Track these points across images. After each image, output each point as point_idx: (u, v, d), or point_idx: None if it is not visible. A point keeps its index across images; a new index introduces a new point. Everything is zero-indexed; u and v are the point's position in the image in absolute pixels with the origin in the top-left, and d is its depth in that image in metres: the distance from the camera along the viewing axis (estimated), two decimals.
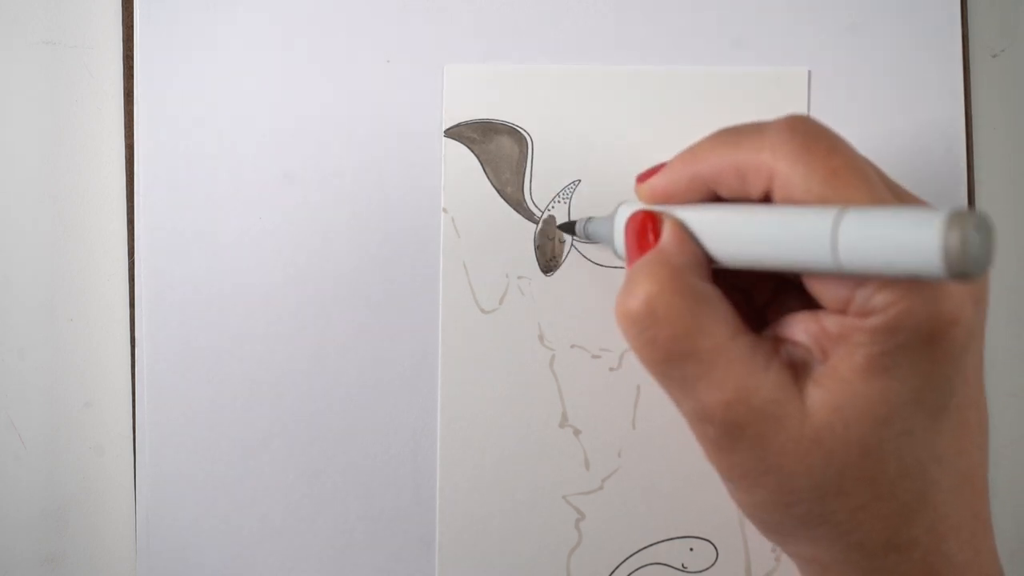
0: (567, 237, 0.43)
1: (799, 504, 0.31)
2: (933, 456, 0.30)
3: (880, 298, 0.28)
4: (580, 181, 0.43)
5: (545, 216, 0.43)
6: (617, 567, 0.43)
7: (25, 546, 0.45)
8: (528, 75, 0.43)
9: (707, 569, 0.44)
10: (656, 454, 0.43)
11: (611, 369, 0.43)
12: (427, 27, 0.43)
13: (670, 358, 0.31)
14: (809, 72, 0.44)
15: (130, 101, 0.43)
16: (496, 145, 0.43)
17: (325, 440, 0.43)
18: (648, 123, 0.43)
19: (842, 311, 0.29)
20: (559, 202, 0.43)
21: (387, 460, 0.43)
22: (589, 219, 0.41)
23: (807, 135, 0.30)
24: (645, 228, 0.33)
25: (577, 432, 0.43)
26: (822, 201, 0.29)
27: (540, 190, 0.43)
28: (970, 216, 0.24)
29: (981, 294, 0.30)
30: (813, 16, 0.44)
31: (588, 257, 0.43)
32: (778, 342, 0.31)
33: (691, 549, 0.44)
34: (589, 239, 0.41)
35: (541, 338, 0.43)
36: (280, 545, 0.43)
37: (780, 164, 0.30)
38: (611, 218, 0.37)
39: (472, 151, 0.43)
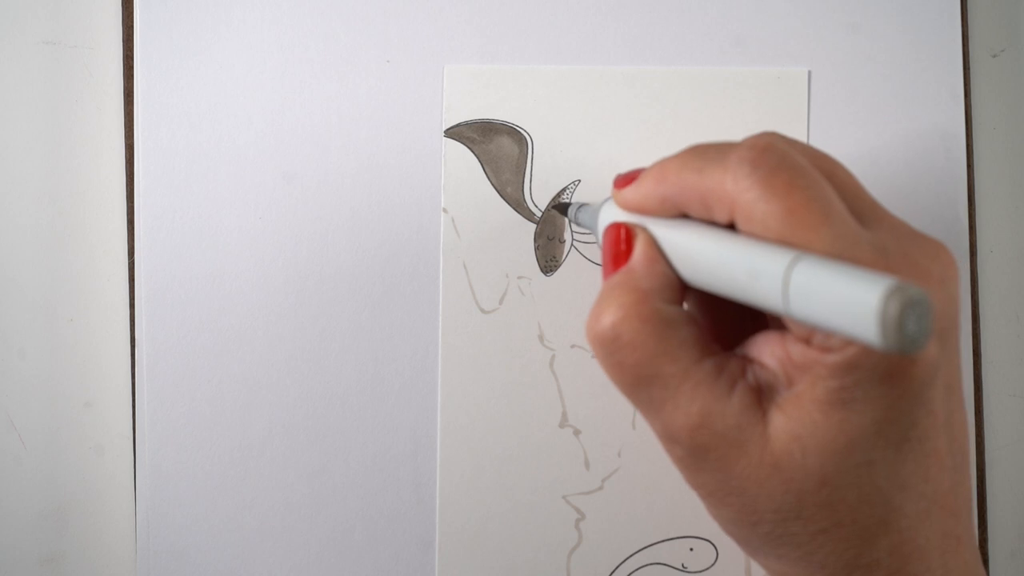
0: (567, 237, 0.43)
1: (762, 524, 0.31)
2: (895, 484, 0.30)
3: (837, 338, 0.28)
4: (580, 181, 0.43)
5: (545, 216, 0.43)
6: (617, 567, 0.43)
7: (25, 546, 0.45)
8: (528, 75, 0.43)
9: (707, 569, 0.44)
10: (656, 454, 0.43)
11: None
12: (427, 27, 0.43)
13: (636, 382, 0.31)
14: (809, 72, 0.44)
15: (130, 101, 0.43)
16: (496, 145, 0.43)
17: (325, 440, 0.43)
18: (648, 123, 0.43)
19: (805, 340, 0.29)
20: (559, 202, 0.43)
21: (387, 460, 0.43)
22: (581, 205, 0.41)
23: (767, 168, 0.29)
24: (619, 241, 0.33)
25: (577, 432, 0.43)
26: (781, 239, 0.28)
27: (540, 190, 0.43)
28: (908, 294, 0.24)
29: (947, 327, 0.30)
30: (813, 16, 0.44)
31: (588, 257, 0.43)
32: (746, 362, 0.31)
33: (691, 549, 0.44)
34: (579, 225, 0.41)
35: (541, 338, 0.43)
36: (280, 545, 0.43)
37: (741, 197, 0.29)
38: (597, 211, 0.37)
39: (472, 151, 0.43)
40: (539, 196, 0.43)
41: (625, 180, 0.35)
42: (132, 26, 0.43)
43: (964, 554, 0.32)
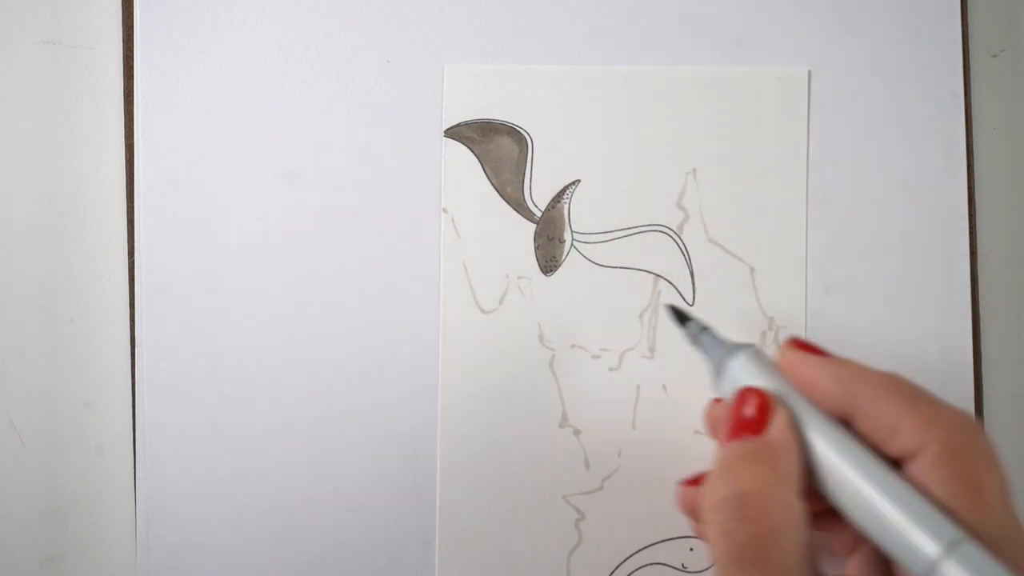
0: (567, 237, 0.43)
1: None
2: None
3: None
4: (580, 181, 0.43)
5: (545, 216, 0.43)
6: (617, 567, 0.43)
7: (25, 546, 0.45)
8: (528, 75, 0.43)
9: (707, 569, 0.44)
10: (656, 454, 0.43)
11: (611, 369, 0.43)
12: (427, 27, 0.43)
13: (740, 559, 0.30)
14: (809, 72, 0.44)
15: (130, 101, 0.43)
16: (496, 145, 0.43)
17: (325, 440, 0.43)
18: (648, 123, 0.43)
19: None
20: (559, 202, 0.43)
21: (387, 460, 0.43)
22: (704, 330, 0.36)
23: (977, 441, 0.29)
24: (747, 404, 0.32)
25: (577, 432, 0.43)
26: (951, 501, 0.28)
27: (540, 190, 0.43)
28: None
29: None
30: (813, 16, 0.44)
31: (588, 257, 0.43)
32: None
33: (691, 549, 0.44)
34: (696, 347, 0.37)
35: (541, 338, 0.43)
36: (280, 545, 0.43)
37: (933, 450, 0.29)
38: (727, 355, 0.34)
39: (472, 151, 0.43)
40: (539, 196, 0.43)
41: (808, 346, 0.33)
42: (132, 26, 0.43)
43: None
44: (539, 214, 0.43)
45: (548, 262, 0.43)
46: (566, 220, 0.43)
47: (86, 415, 0.45)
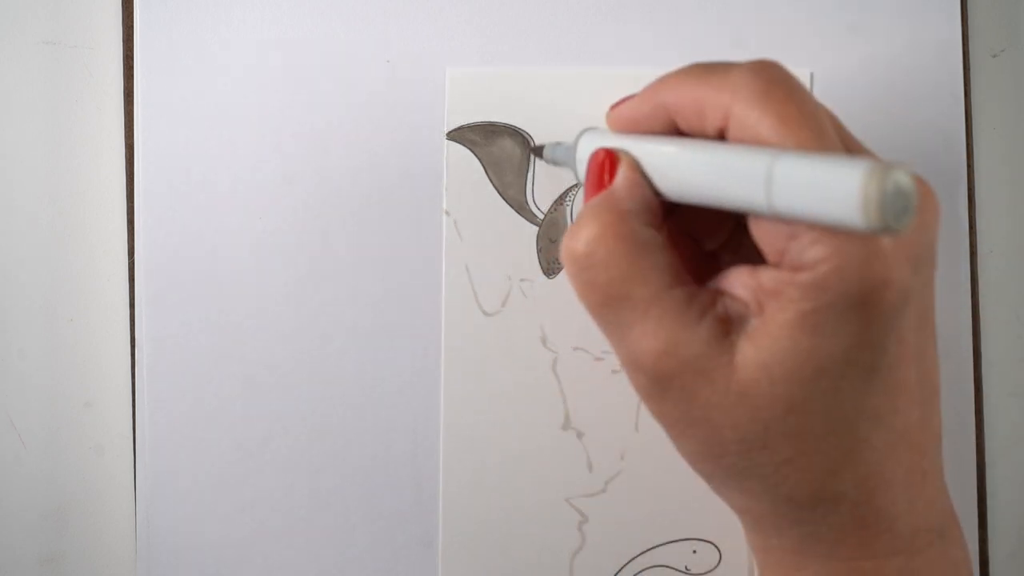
0: None
1: (726, 456, 0.31)
2: (862, 414, 0.30)
3: (812, 253, 0.28)
4: (582, 184, 0.43)
5: (547, 218, 0.43)
6: (620, 570, 0.44)
7: (25, 546, 0.45)
8: (530, 77, 0.43)
9: (710, 571, 0.44)
10: (659, 456, 0.43)
11: (614, 371, 0.43)
12: (428, 28, 0.43)
13: (606, 302, 0.31)
14: (812, 74, 0.44)
15: (130, 101, 0.43)
16: (498, 147, 0.43)
17: (326, 442, 0.43)
18: None
19: (778, 262, 0.29)
20: (561, 204, 0.43)
21: (388, 462, 0.43)
22: (557, 144, 0.41)
23: (769, 80, 0.30)
24: (603, 166, 0.34)
25: (580, 434, 0.43)
26: (769, 139, 0.29)
27: (542, 192, 0.43)
28: (890, 169, 0.24)
29: (923, 256, 0.31)
30: (813, 16, 0.44)
31: None
32: (717, 294, 0.31)
33: (694, 551, 0.44)
34: (555, 163, 0.41)
35: (543, 340, 0.43)
36: (280, 545, 0.43)
37: (737, 106, 0.30)
38: (574, 146, 0.38)
39: (474, 153, 0.43)
40: (541, 198, 0.43)
41: (620, 101, 0.36)
42: (132, 26, 0.43)
43: (929, 490, 0.33)
44: (541, 216, 0.43)
45: (551, 264, 0.43)
46: (568, 222, 0.43)
47: (86, 415, 0.45)
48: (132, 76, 0.43)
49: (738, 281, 0.31)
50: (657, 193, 0.33)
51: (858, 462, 0.31)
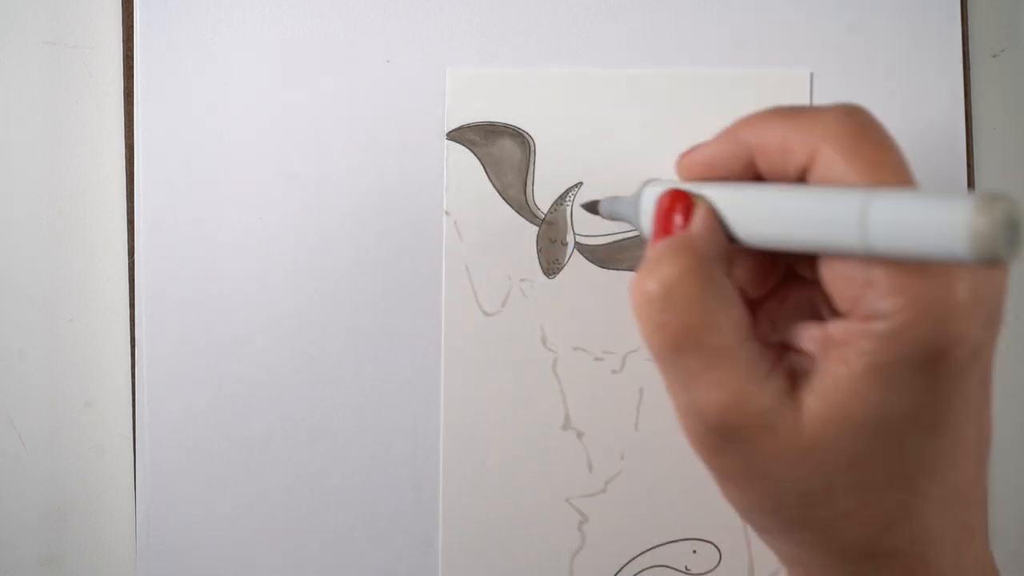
0: (569, 239, 0.43)
1: (786, 509, 0.31)
2: (923, 469, 0.30)
3: (888, 303, 0.28)
4: (582, 183, 0.43)
5: (548, 218, 0.43)
6: (620, 570, 0.44)
7: (25, 546, 0.45)
8: (530, 77, 0.43)
9: (710, 571, 0.44)
10: (659, 456, 0.43)
11: (614, 372, 0.43)
12: (428, 28, 0.43)
13: (677, 347, 0.30)
14: (811, 74, 0.43)
15: (130, 101, 0.43)
16: (498, 147, 0.43)
17: (326, 441, 0.43)
18: (650, 125, 0.43)
19: (849, 312, 0.29)
20: (561, 204, 0.43)
21: (389, 462, 0.43)
22: (615, 198, 0.40)
23: (860, 125, 0.30)
24: (673, 208, 0.32)
25: (580, 435, 0.43)
26: (854, 182, 0.29)
27: (542, 192, 0.43)
28: (999, 198, 0.24)
29: (994, 314, 0.30)
30: (813, 16, 0.44)
31: (590, 260, 0.43)
32: (782, 349, 0.31)
33: (694, 551, 0.44)
34: (613, 218, 0.40)
35: (544, 341, 0.43)
36: (280, 545, 0.43)
37: (827, 147, 0.29)
38: (637, 197, 0.36)
39: (474, 153, 0.43)
40: (541, 198, 0.43)
41: (692, 148, 0.35)
42: (132, 26, 0.43)
43: (976, 546, 0.32)
44: (542, 216, 0.43)
45: (551, 264, 0.43)
46: (568, 222, 0.43)
47: (86, 415, 0.45)
48: (132, 76, 0.43)
49: (805, 335, 0.31)
50: (732, 240, 0.32)
51: (915, 516, 0.30)
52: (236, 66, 0.43)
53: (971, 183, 0.45)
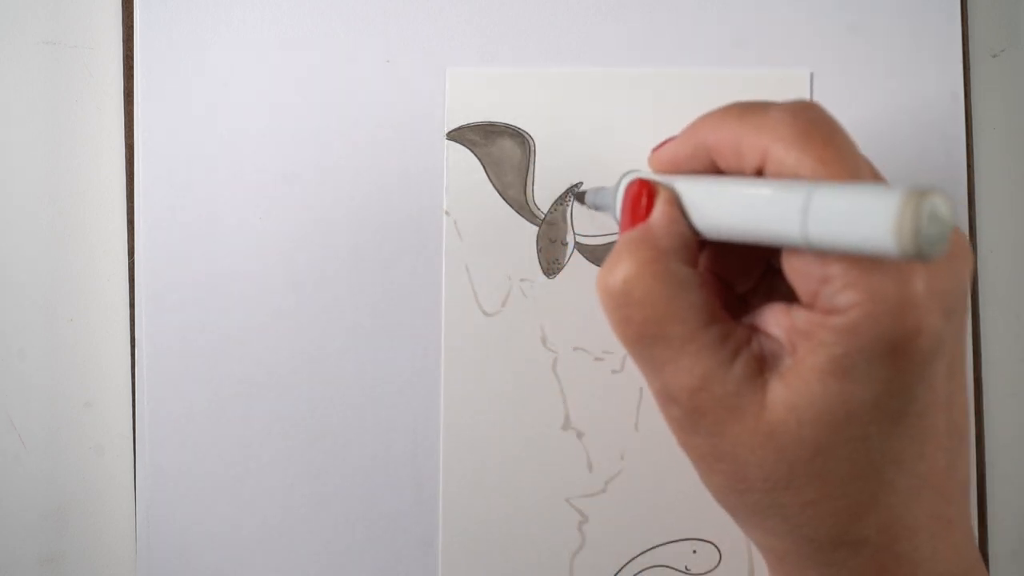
0: (569, 239, 0.43)
1: (751, 493, 0.31)
2: (889, 459, 0.30)
3: (844, 297, 0.28)
4: (582, 183, 0.43)
5: (548, 218, 0.43)
6: (620, 570, 0.44)
7: (25, 546, 0.45)
8: (530, 77, 0.43)
9: (710, 571, 0.44)
10: (659, 456, 0.43)
11: (614, 372, 0.43)
12: (428, 28, 0.43)
13: (641, 339, 0.32)
14: (811, 74, 0.43)
15: (130, 101, 0.43)
16: (498, 147, 0.43)
17: (326, 441, 0.43)
18: (650, 125, 0.43)
19: (810, 305, 0.30)
20: (561, 204, 0.43)
21: (388, 462, 0.43)
22: (599, 189, 0.41)
23: (808, 122, 0.30)
24: (640, 197, 0.33)
25: (580, 434, 0.43)
26: (807, 175, 0.29)
27: (542, 192, 0.43)
28: (926, 194, 0.24)
29: (955, 304, 0.30)
30: (813, 16, 0.44)
31: (590, 259, 0.43)
32: (751, 332, 0.32)
33: (694, 551, 0.44)
34: (596, 208, 0.41)
35: (544, 341, 0.43)
36: (280, 545, 0.43)
37: (775, 146, 0.30)
38: (615, 188, 0.37)
39: (474, 153, 0.43)
40: (541, 198, 0.43)
41: (663, 143, 0.35)
42: (132, 26, 0.43)
43: (955, 537, 0.32)
44: (542, 216, 0.43)
45: (551, 264, 0.43)
46: (569, 222, 0.43)
47: (86, 415, 0.45)
48: (132, 76, 0.43)
49: (772, 319, 0.31)
50: (695, 231, 0.33)
51: (881, 507, 0.31)
52: (236, 66, 0.43)
53: (971, 183, 0.45)
